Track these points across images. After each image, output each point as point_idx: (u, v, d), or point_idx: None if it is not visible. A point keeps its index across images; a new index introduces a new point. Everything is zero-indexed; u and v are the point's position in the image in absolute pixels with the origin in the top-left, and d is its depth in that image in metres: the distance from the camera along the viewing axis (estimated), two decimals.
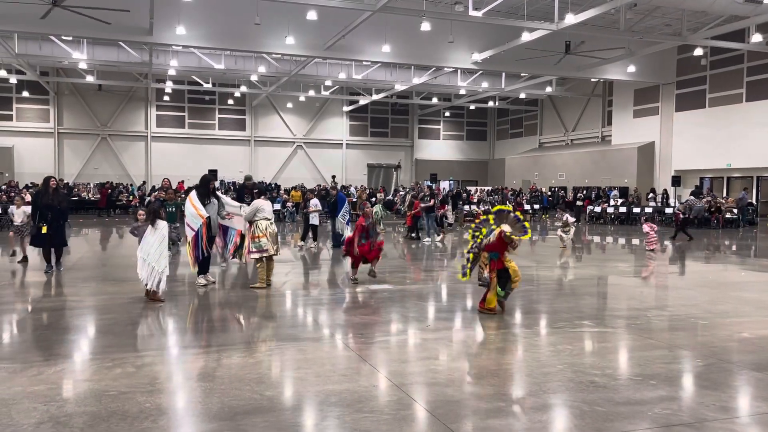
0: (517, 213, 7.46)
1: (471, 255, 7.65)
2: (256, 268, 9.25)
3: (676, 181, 28.21)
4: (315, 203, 15.13)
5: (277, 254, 9.23)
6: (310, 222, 15.05)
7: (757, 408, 4.35)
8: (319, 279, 10.59)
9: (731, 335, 6.41)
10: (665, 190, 29.51)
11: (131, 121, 39.18)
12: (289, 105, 41.42)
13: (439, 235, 17.83)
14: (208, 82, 34.97)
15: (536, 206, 31.31)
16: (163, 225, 8.03)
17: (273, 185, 34.81)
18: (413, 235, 17.74)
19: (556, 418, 4.13)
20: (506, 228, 7.22)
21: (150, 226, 7.96)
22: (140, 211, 8.37)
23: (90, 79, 33.01)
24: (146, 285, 7.85)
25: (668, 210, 25.83)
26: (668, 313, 7.71)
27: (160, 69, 30.04)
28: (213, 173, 17.18)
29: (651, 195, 29.05)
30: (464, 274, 7.72)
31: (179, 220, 11.26)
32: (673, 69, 30.64)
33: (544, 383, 4.79)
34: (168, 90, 37.21)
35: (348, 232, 13.77)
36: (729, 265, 13.28)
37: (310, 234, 15.13)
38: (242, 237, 10.15)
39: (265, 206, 9.13)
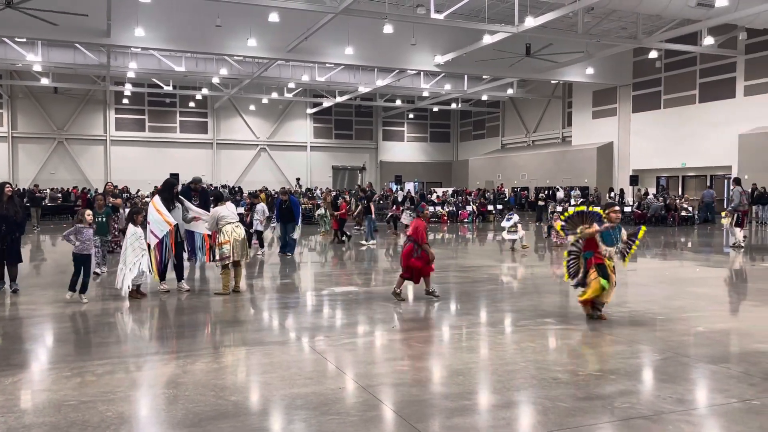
0: (599, 210, 7.14)
1: (566, 253, 7.27)
2: (220, 275, 9.08)
3: (634, 180, 28.92)
4: (262, 209, 14.38)
5: (244, 259, 9.06)
6: (255, 228, 14.07)
7: (713, 400, 4.50)
8: (284, 284, 10.53)
9: (687, 330, 6.61)
10: (622, 189, 30.22)
11: (89, 124, 38.32)
12: (252, 107, 41.07)
13: (374, 239, 17.09)
14: (169, 85, 34.43)
15: (499, 207, 31.64)
16: (131, 229, 8.24)
17: (236, 188, 34.45)
18: (344, 238, 16.86)
19: (520, 415, 4.20)
20: (581, 229, 7.02)
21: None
22: (87, 211, 8.33)
23: (45, 81, 32.17)
24: (119, 287, 8.07)
25: (626, 209, 26.43)
26: (627, 309, 7.89)
27: (118, 71, 29.46)
28: (175, 177, 16.76)
29: (614, 194, 29.68)
30: (572, 276, 7.23)
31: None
32: (629, 71, 31.42)
33: (508, 381, 4.87)
34: (127, 93, 36.53)
35: (297, 236, 13.55)
36: (685, 262, 13.68)
37: (256, 240, 14.23)
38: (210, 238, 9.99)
39: (224, 212, 8.87)
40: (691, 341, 6.15)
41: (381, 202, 25.53)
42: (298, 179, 38.98)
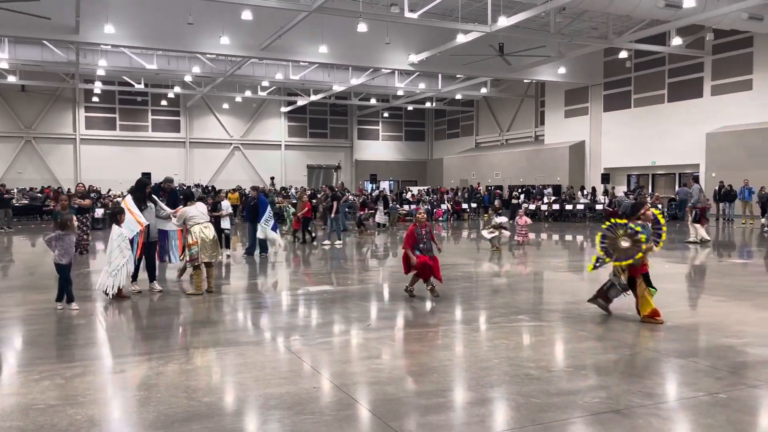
0: (631, 225, 6.80)
1: (602, 253, 7.05)
2: (191, 276, 8.97)
3: (605, 178, 29.34)
4: (226, 206, 13.83)
5: (215, 260, 8.98)
6: (222, 226, 13.41)
7: (681, 393, 4.59)
8: (256, 284, 10.46)
9: (656, 325, 6.73)
10: (594, 187, 30.64)
11: (58, 123, 37.56)
12: (226, 106, 40.70)
13: (340, 239, 16.86)
14: (140, 83, 33.90)
15: (473, 205, 31.87)
16: (116, 230, 8.12)
17: (210, 188, 34.10)
18: (307, 238, 16.64)
19: (493, 412, 4.24)
20: (624, 243, 6.75)
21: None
22: (73, 218, 8.14)
23: (12, 79, 31.40)
24: (105, 290, 7.98)
25: (598, 207, 26.84)
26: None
27: (88, 69, 28.93)
28: (147, 176, 16.51)
29: (587, 192, 30.04)
30: (596, 267, 7.18)
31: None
32: (600, 71, 31.87)
33: (481, 378, 4.91)
34: (97, 91, 35.89)
35: (278, 238, 13.26)
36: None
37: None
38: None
39: (192, 211, 8.75)
40: (660, 336, 6.27)
41: (353, 200, 25.41)
42: (272, 178, 38.73)
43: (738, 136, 25.32)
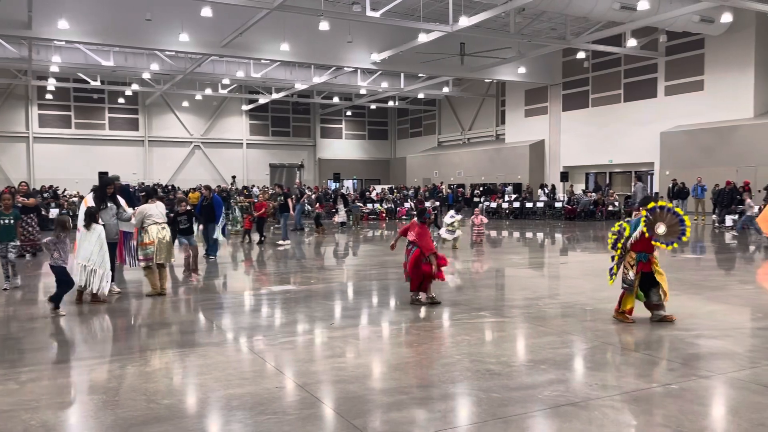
0: (677, 209, 6.54)
1: (617, 254, 6.84)
2: (145, 276, 8.67)
3: (564, 176, 29.90)
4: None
5: (168, 262, 8.77)
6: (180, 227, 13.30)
7: (636, 385, 4.72)
8: (215, 284, 10.34)
9: (613, 319, 6.90)
10: (553, 185, 31.21)
11: (9, 121, 36.34)
12: (185, 104, 40.04)
13: (288, 240, 16.51)
14: (96, 80, 33.10)
15: (437, 203, 32.08)
16: (98, 228, 7.89)
17: (169, 187, 33.53)
18: (262, 238, 16.20)
19: (455, 407, 4.30)
20: (660, 229, 6.40)
21: (86, 230, 7.74)
22: (68, 219, 7.86)
23: None
24: (90, 289, 7.74)
25: (557, 204, 27.37)
26: (558, 301, 8.19)
27: (41, 65, 28.10)
28: (104, 175, 16.04)
29: (548, 190, 30.53)
30: (611, 276, 6.96)
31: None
32: (559, 71, 32.45)
33: (443, 374, 4.96)
34: (51, 88, 34.89)
35: (221, 238, 12.97)
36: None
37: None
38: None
39: (152, 210, 8.52)
40: (616, 330, 6.44)
41: (313, 197, 25.28)
42: (233, 177, 38.28)
43: (691, 135, 26.11)
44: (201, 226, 13.12)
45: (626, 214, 16.59)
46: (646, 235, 6.43)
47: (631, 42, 25.05)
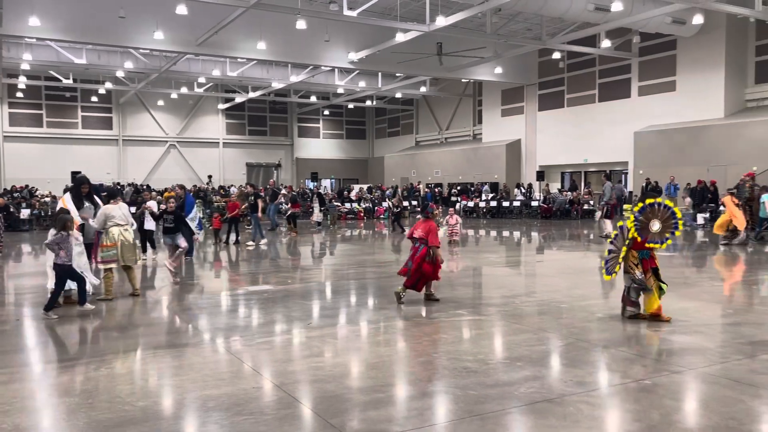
0: (668, 203, 6.60)
1: (622, 253, 6.70)
2: (103, 278, 8.40)
3: (540, 175, 30.21)
4: (153, 205, 12.88)
5: (135, 263, 8.57)
6: (145, 227, 12.75)
7: (610, 381, 4.80)
8: (190, 285, 10.25)
9: (588, 317, 7.00)
10: (530, 184, 31.49)
11: None
12: (161, 102, 39.56)
13: (264, 238, 16.42)
14: (69, 78, 32.54)
15: (414, 203, 32.18)
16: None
17: (143, 186, 33.11)
18: (229, 239, 16.00)
19: (432, 405, 4.32)
20: (655, 226, 6.47)
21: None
22: (75, 218, 7.73)
23: None
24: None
25: (533, 203, 27.63)
26: (534, 299, 8.27)
27: (11, 63, 27.50)
28: (77, 174, 15.75)
29: (524, 189, 30.79)
30: (609, 273, 6.82)
31: None
32: (535, 71, 32.74)
33: (421, 372, 4.98)
34: (22, 86, 34.20)
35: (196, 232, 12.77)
36: (587, 253, 14.45)
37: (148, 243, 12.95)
38: None
39: (114, 212, 8.27)
40: (591, 327, 6.52)
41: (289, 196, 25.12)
42: (210, 177, 37.95)
43: (664, 134, 26.54)
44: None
45: (603, 213, 16.87)
46: (638, 239, 6.53)
47: (606, 43, 25.38)
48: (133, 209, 13.47)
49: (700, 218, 20.50)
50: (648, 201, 6.54)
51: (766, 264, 12.12)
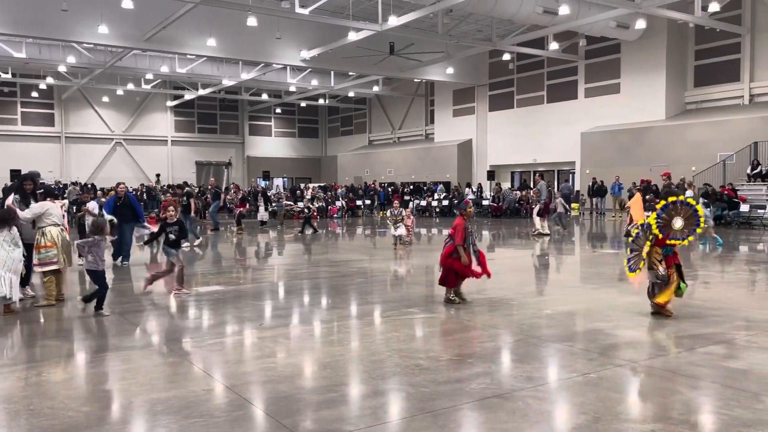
0: (690, 200, 6.66)
1: (645, 248, 6.70)
2: (43, 283, 8.00)
3: (491, 175, 30.70)
4: (93, 206, 11.98)
5: (68, 266, 8.21)
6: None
7: (558, 375, 4.93)
8: (140, 287, 9.99)
9: (537, 313, 7.16)
10: (480, 184, 31.97)
11: None
12: (106, 99, 38.40)
13: (198, 238, 15.72)
14: (7, 72, 31.22)
15: (368, 201, 32.23)
16: (14, 231, 7.35)
17: (89, 185, 32.07)
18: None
19: (384, 403, 4.34)
20: (677, 223, 6.53)
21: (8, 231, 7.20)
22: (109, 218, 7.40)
23: None
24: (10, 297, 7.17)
25: (484, 202, 28.07)
26: (485, 296, 8.39)
27: None
28: (16, 174, 15.15)
29: (476, 189, 31.22)
30: (632, 270, 6.81)
31: None
32: (486, 72, 33.25)
33: (373, 370, 5.00)
34: None
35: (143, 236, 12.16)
36: (536, 251, 14.76)
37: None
38: None
39: (53, 210, 7.89)
40: (540, 323, 6.68)
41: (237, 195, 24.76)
42: (158, 175, 37.07)
43: (609, 135, 27.36)
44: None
45: (537, 211, 17.38)
46: (660, 236, 6.60)
47: (553, 45, 26.01)
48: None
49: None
50: (670, 199, 6.59)
51: (701, 259, 12.64)
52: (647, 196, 15.42)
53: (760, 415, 3.99)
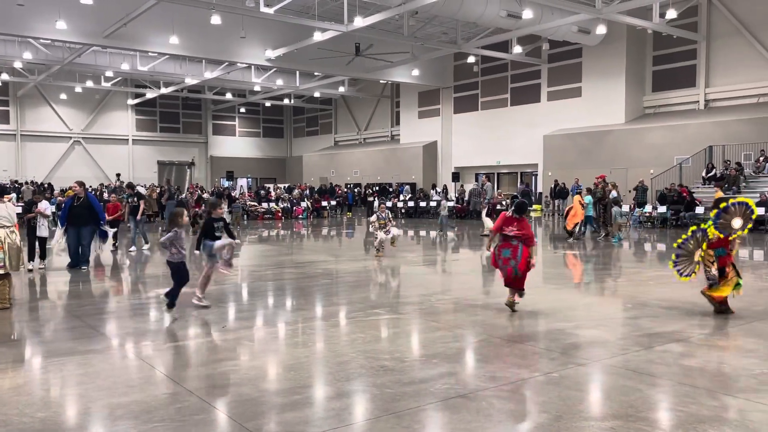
0: (741, 199, 6.91)
1: (700, 253, 6.88)
2: None
3: (456, 176, 30.94)
4: (45, 207, 11.04)
5: (18, 270, 7.78)
6: (38, 234, 11.00)
7: (521, 375, 4.98)
8: (98, 290, 9.77)
9: (500, 313, 7.24)
10: (445, 185, 32.20)
11: None
12: (64, 96, 37.45)
13: (147, 243, 14.84)
14: None
15: (333, 203, 32.11)
16: None
17: (45, 185, 31.20)
18: (115, 243, 14.58)
19: (349, 405, 4.33)
20: (737, 223, 6.74)
21: None
22: (184, 211, 7.33)
23: None
24: None
25: (450, 203, 28.24)
26: (449, 297, 8.47)
27: None
28: None
29: (441, 190, 31.40)
30: (686, 275, 7.02)
31: None
32: (451, 74, 33.52)
33: (338, 372, 4.99)
34: None
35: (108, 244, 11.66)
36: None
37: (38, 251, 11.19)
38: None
39: (1, 211, 7.56)
40: (503, 323, 6.75)
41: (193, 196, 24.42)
42: (118, 175, 36.29)
43: (570, 138, 27.86)
44: (63, 229, 11.19)
45: (486, 212, 17.78)
46: (721, 236, 6.82)
47: (517, 49, 26.37)
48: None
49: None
50: (722, 205, 6.86)
51: (652, 259, 12.97)
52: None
53: (716, 411, 4.11)
